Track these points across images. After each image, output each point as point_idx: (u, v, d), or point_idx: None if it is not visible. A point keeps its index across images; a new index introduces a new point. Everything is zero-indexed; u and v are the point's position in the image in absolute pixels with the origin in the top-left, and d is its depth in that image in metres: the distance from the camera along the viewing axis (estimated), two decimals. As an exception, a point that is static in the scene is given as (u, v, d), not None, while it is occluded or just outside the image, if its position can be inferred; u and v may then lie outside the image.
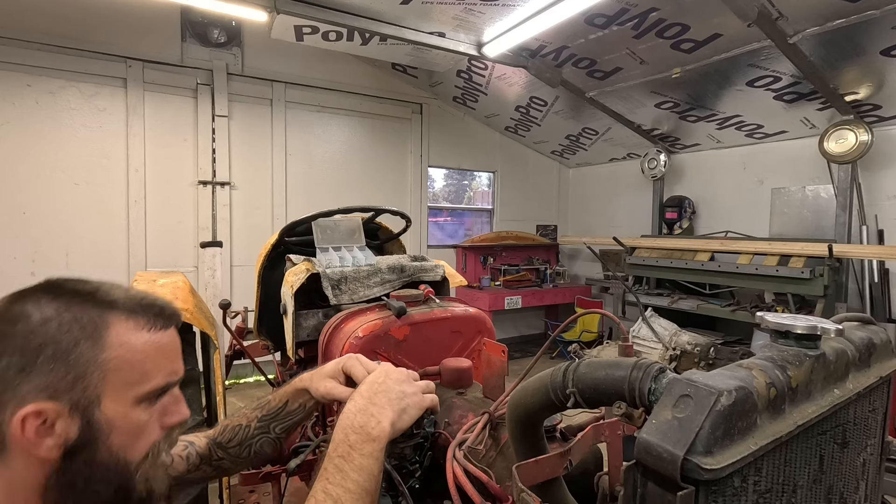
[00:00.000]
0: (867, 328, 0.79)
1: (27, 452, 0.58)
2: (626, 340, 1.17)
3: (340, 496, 0.64)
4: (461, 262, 6.08)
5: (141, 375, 0.63)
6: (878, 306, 3.77)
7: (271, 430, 0.96)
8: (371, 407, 0.74)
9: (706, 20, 3.22)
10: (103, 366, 0.60)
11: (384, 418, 0.73)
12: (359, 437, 0.70)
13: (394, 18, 3.60)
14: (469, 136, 6.15)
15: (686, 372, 0.56)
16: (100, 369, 0.60)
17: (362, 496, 0.65)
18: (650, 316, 3.77)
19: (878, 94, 3.49)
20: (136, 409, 0.63)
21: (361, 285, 1.71)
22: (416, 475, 1.06)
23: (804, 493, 0.62)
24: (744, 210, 4.76)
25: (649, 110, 4.65)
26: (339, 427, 0.72)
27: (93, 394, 0.60)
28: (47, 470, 0.60)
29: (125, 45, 4.15)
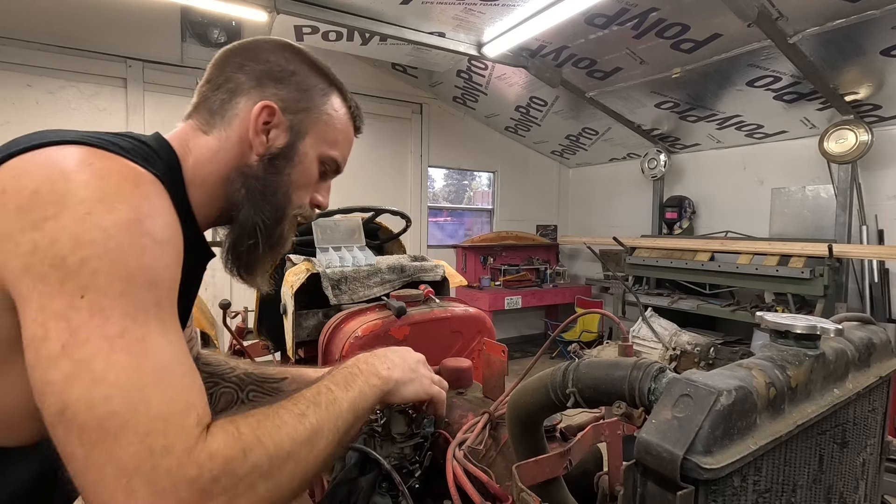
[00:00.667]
0: (867, 328, 0.79)
1: (245, 135, 0.73)
2: (626, 340, 1.17)
3: (339, 398, 0.66)
4: (461, 262, 6.08)
5: (333, 141, 0.81)
6: (878, 306, 3.77)
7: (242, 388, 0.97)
8: (385, 360, 0.79)
9: (706, 20, 3.22)
10: (319, 114, 0.78)
11: (395, 373, 0.78)
12: (368, 369, 0.75)
13: (394, 18, 3.60)
14: (469, 136, 6.15)
15: (686, 372, 0.56)
16: (316, 114, 0.78)
17: (355, 412, 0.67)
18: (650, 316, 3.77)
19: (878, 94, 3.49)
20: (315, 162, 0.80)
21: (361, 285, 1.72)
22: (416, 475, 1.06)
23: (804, 492, 0.62)
24: (744, 210, 4.76)
25: (649, 110, 4.65)
26: (350, 361, 0.76)
27: (304, 128, 0.77)
28: (246, 160, 0.75)
29: (125, 45, 4.15)
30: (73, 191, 0.52)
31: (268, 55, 0.77)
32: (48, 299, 0.48)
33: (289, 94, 0.76)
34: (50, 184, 0.52)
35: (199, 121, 0.75)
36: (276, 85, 0.75)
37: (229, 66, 0.76)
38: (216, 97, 0.75)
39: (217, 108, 0.75)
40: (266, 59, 0.76)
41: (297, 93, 0.76)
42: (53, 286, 0.49)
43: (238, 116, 0.74)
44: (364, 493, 1.01)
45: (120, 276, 0.51)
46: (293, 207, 0.80)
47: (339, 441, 0.63)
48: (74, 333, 0.48)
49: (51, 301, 0.48)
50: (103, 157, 0.57)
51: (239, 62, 0.76)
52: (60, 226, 0.50)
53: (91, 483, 0.46)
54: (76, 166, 0.54)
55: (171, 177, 0.67)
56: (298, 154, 0.77)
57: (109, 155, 0.58)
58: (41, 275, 0.49)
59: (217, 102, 0.75)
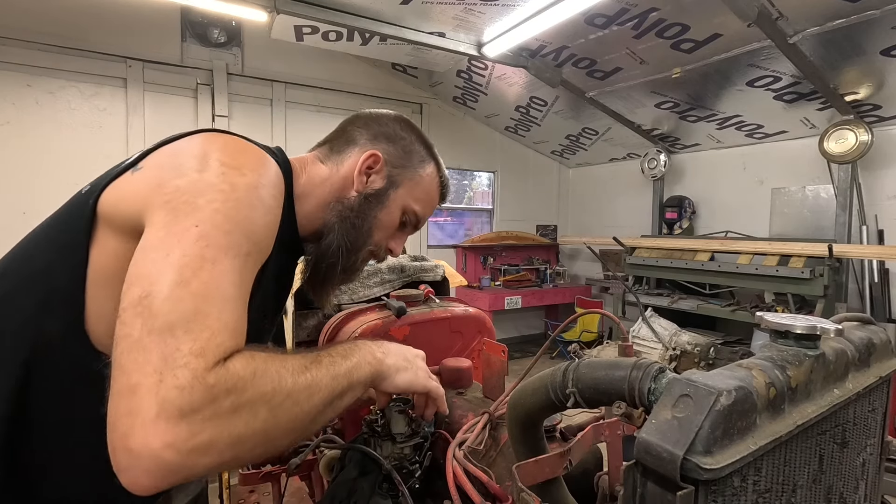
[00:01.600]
0: (867, 328, 0.79)
1: (350, 172, 0.91)
2: (626, 340, 1.17)
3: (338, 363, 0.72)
4: (461, 262, 6.08)
5: (418, 199, 0.97)
6: (878, 306, 3.77)
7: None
8: (382, 346, 0.85)
9: (706, 20, 3.22)
10: (414, 174, 0.96)
11: (389, 359, 0.84)
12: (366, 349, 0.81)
13: (394, 18, 3.60)
14: (469, 136, 6.15)
15: (686, 372, 0.56)
16: (412, 173, 0.96)
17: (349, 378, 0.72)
18: (650, 316, 3.77)
19: (878, 94, 3.49)
20: (399, 210, 0.96)
21: (361, 285, 1.72)
22: (416, 475, 1.06)
23: (804, 492, 0.62)
24: (744, 210, 4.76)
25: (649, 110, 4.65)
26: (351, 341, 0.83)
27: (399, 181, 0.94)
28: (346, 193, 0.91)
29: (125, 45, 4.15)
30: (217, 157, 0.68)
31: (387, 121, 0.97)
32: (172, 223, 0.61)
33: (394, 152, 0.94)
34: (202, 150, 0.69)
35: (320, 153, 0.95)
36: (386, 142, 0.94)
37: (356, 123, 0.96)
38: (338, 141, 0.95)
39: (336, 148, 0.94)
40: (385, 124, 0.96)
41: (401, 152, 0.95)
42: (180, 215, 0.61)
43: (350, 158, 0.92)
44: (364, 493, 1.01)
45: (230, 219, 0.63)
46: (371, 243, 0.95)
47: (332, 401, 0.69)
48: (180, 246, 0.59)
49: (173, 224, 0.61)
50: (244, 142, 0.75)
51: (364, 122, 0.96)
52: (202, 178, 0.65)
53: (133, 363, 0.53)
54: (223, 144, 0.71)
55: (285, 181, 0.81)
56: (389, 199, 0.93)
57: (247, 142, 0.76)
58: (174, 207, 0.62)
59: (337, 145, 0.94)
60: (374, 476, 1.04)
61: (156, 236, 0.60)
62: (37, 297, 0.69)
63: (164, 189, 0.63)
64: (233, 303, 0.61)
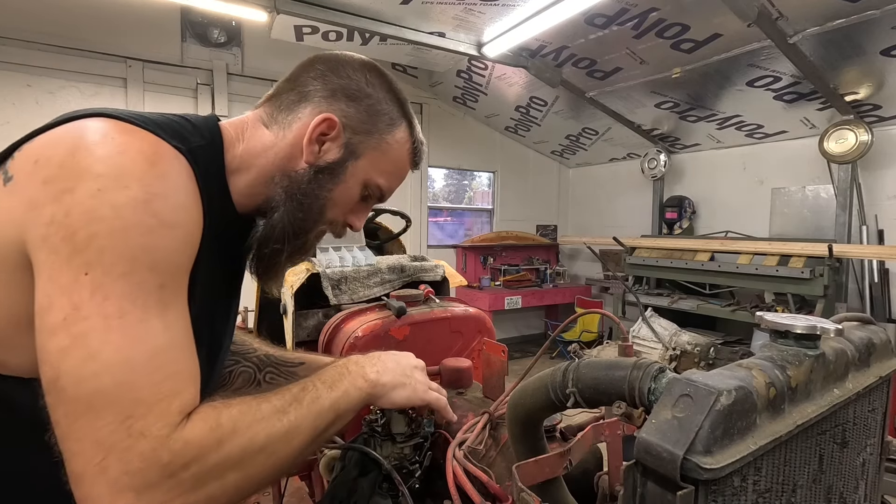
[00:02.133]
0: (867, 328, 0.79)
1: (299, 140, 0.73)
2: (626, 340, 1.17)
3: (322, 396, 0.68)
4: (461, 262, 6.08)
5: (383, 171, 0.80)
6: (878, 306, 3.77)
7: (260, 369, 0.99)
8: (377, 363, 0.80)
9: (706, 20, 3.22)
10: (380, 141, 0.78)
11: (384, 377, 0.79)
12: (357, 370, 0.76)
13: (394, 18, 3.60)
14: (469, 136, 6.14)
15: (686, 372, 0.56)
16: (377, 140, 0.78)
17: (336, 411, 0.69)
18: (650, 316, 3.77)
19: (878, 94, 3.49)
20: (360, 185, 0.79)
21: (361, 285, 1.72)
22: (416, 475, 1.06)
23: (804, 492, 0.62)
24: (744, 210, 4.76)
25: (649, 110, 4.65)
26: (343, 360, 0.80)
27: (360, 150, 0.76)
28: (294, 165, 0.74)
29: (125, 45, 4.15)
30: (90, 166, 0.53)
31: (350, 72, 0.78)
32: (57, 272, 0.51)
33: (356, 114, 0.76)
34: (71, 157, 0.54)
35: (265, 113, 0.77)
36: (346, 101, 0.76)
37: (311, 72, 0.77)
38: (287, 97, 0.76)
39: (284, 106, 0.76)
40: (347, 75, 0.77)
41: (365, 114, 0.77)
42: (62, 259, 0.51)
43: (300, 121, 0.74)
44: (364, 493, 1.01)
45: (124, 256, 0.52)
46: (324, 222, 0.80)
47: (317, 439, 0.65)
48: (75, 309, 0.50)
49: (59, 274, 0.51)
50: (125, 130, 0.58)
51: (321, 70, 0.77)
52: (75, 200, 0.51)
53: (69, 452, 0.49)
54: (98, 140, 0.56)
55: (208, 157, 0.68)
56: (346, 173, 0.77)
57: (132, 128, 0.59)
58: (54, 247, 0.51)
59: (286, 101, 0.76)
60: (374, 476, 1.04)
61: (45, 293, 0.51)
62: None
63: (38, 217, 0.52)
64: (164, 353, 0.53)
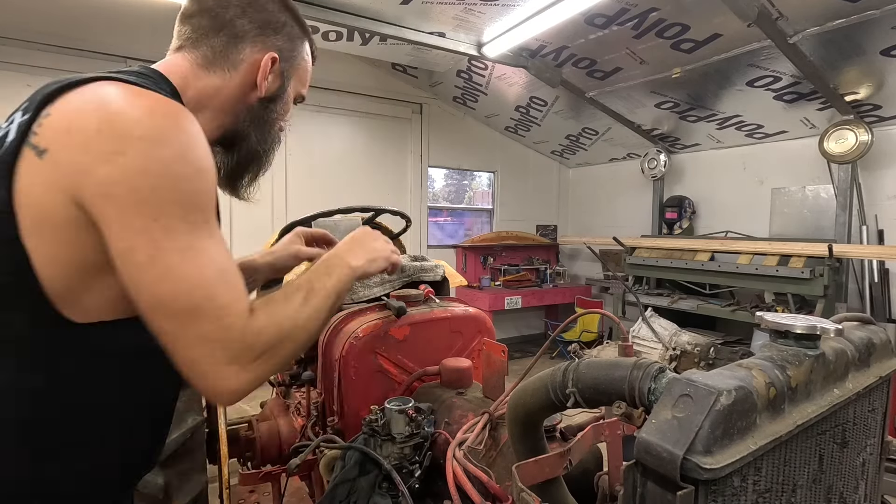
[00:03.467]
0: (867, 328, 0.79)
1: (251, 78, 0.86)
2: (626, 340, 1.17)
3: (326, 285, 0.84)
4: (461, 262, 6.08)
5: (303, 82, 0.98)
6: (878, 306, 3.77)
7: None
8: (350, 252, 0.96)
9: (706, 20, 3.22)
10: (300, 61, 0.94)
11: (360, 260, 0.95)
12: (341, 262, 0.91)
13: (394, 18, 3.60)
14: (469, 136, 6.14)
15: (686, 372, 0.56)
16: (298, 61, 0.94)
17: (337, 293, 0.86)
18: (650, 316, 3.77)
19: (878, 94, 3.49)
20: (291, 100, 0.96)
21: (361, 285, 1.72)
22: (416, 475, 1.06)
23: (804, 492, 0.62)
24: (744, 210, 4.76)
25: (649, 110, 4.65)
26: (325, 256, 0.94)
27: (290, 73, 0.93)
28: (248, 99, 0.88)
29: (125, 45, 4.15)
30: (130, 129, 0.63)
31: (265, 3, 0.88)
32: (129, 221, 0.63)
33: (284, 45, 0.90)
34: (108, 123, 0.63)
35: (199, 57, 0.84)
36: (275, 35, 0.88)
37: (230, 10, 0.84)
38: (218, 38, 0.84)
39: (220, 49, 0.84)
40: (263, 8, 0.87)
41: (288, 42, 0.91)
42: (132, 211, 0.63)
43: (245, 62, 0.86)
44: (364, 493, 1.01)
45: (179, 202, 0.65)
46: (278, 133, 0.98)
47: (329, 314, 0.84)
48: (156, 249, 0.64)
49: (132, 222, 0.63)
50: (140, 93, 0.68)
51: (239, 6, 0.85)
52: (129, 162, 0.62)
53: (184, 354, 0.66)
54: (124, 105, 0.65)
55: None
56: (286, 94, 0.94)
57: (144, 91, 0.69)
58: (120, 201, 0.62)
59: (220, 44, 0.84)
60: (374, 476, 1.04)
61: (121, 239, 0.63)
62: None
63: (91, 178, 0.62)
64: (226, 269, 0.69)
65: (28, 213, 0.63)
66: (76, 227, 0.64)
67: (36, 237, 0.64)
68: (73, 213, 0.64)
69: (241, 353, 0.68)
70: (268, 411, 2.01)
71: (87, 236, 0.64)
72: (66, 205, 0.63)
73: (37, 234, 0.64)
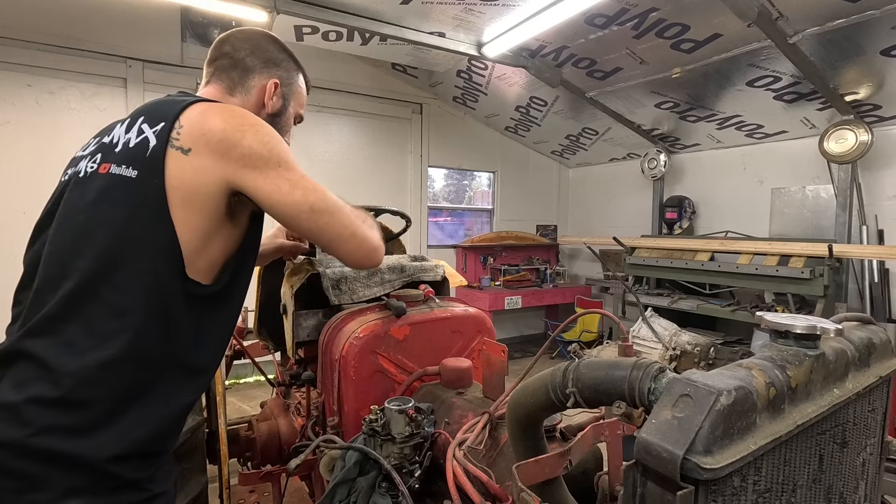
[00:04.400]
0: (867, 328, 0.79)
1: (261, 99, 1.15)
2: (626, 340, 1.17)
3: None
4: (461, 262, 6.08)
5: (302, 105, 1.26)
6: (878, 306, 3.77)
7: None
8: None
9: (706, 20, 3.22)
10: (296, 87, 1.23)
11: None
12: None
13: (394, 18, 3.60)
14: (469, 136, 6.14)
15: (686, 372, 0.56)
16: (295, 87, 1.22)
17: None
18: (650, 316, 3.77)
19: (878, 94, 3.49)
20: (292, 119, 1.24)
21: (361, 285, 1.72)
22: (416, 475, 1.06)
23: (804, 492, 0.62)
24: (744, 210, 4.76)
25: (649, 110, 4.65)
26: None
27: (289, 97, 1.21)
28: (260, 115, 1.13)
29: (125, 45, 4.15)
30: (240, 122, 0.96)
31: (266, 46, 1.17)
32: (267, 171, 0.95)
33: (282, 75, 1.18)
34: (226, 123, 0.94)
35: (222, 87, 1.13)
36: (276, 68, 1.17)
37: (241, 51, 1.14)
38: (234, 72, 1.13)
39: (237, 79, 1.13)
40: (266, 49, 1.17)
41: (286, 73, 1.19)
42: (264, 165, 0.95)
43: (255, 87, 1.14)
44: (364, 493, 1.01)
45: (285, 152, 0.99)
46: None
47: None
48: (289, 178, 0.98)
49: (268, 172, 0.96)
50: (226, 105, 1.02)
51: (248, 49, 1.14)
52: (249, 140, 0.94)
53: (333, 236, 1.04)
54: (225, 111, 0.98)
55: None
56: (287, 113, 1.21)
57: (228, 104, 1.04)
58: (256, 163, 0.95)
59: (236, 76, 1.13)
60: (373, 476, 1.04)
61: (267, 183, 0.95)
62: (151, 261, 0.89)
63: (230, 157, 0.92)
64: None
65: (176, 194, 0.89)
66: (213, 199, 0.92)
67: (182, 210, 0.89)
68: (214, 190, 0.92)
69: (370, 231, 1.11)
70: (268, 411, 2.01)
71: (222, 203, 0.93)
72: (213, 183, 0.91)
73: (183, 208, 0.89)
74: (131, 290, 0.87)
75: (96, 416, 0.82)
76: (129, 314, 0.86)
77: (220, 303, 1.00)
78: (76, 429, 0.81)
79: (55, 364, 0.82)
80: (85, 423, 0.82)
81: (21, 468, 0.79)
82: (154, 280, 0.88)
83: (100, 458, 0.81)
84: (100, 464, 0.81)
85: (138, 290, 0.87)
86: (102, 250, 0.87)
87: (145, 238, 0.88)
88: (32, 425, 0.79)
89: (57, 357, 0.82)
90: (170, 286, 0.89)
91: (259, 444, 1.83)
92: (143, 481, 0.87)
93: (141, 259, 0.88)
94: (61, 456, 0.79)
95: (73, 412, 0.81)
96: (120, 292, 0.86)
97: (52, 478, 0.79)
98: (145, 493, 0.87)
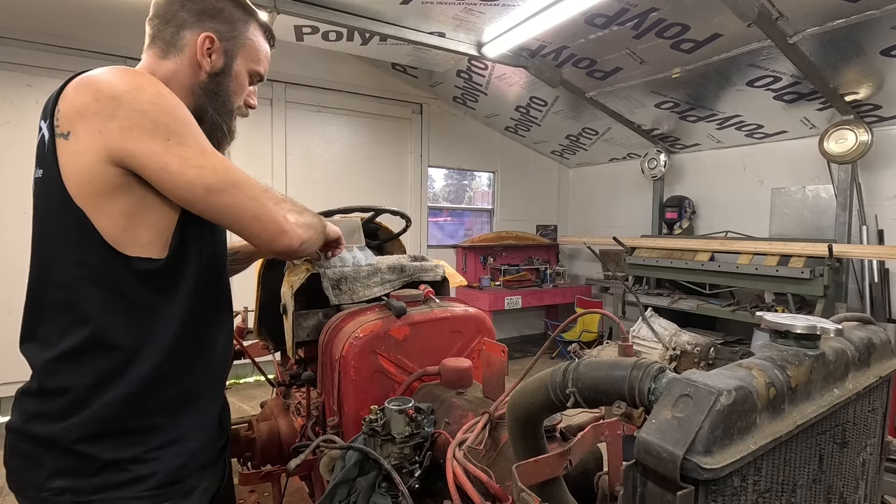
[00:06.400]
0: (867, 328, 0.79)
1: (194, 58, 1.01)
2: (626, 340, 1.17)
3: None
4: (461, 262, 6.08)
5: (256, 60, 1.10)
6: (878, 306, 3.76)
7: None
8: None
9: (706, 20, 3.22)
10: (244, 40, 1.07)
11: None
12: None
13: (394, 18, 3.60)
14: (469, 136, 6.14)
15: (686, 372, 0.56)
16: (242, 40, 1.07)
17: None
18: (650, 316, 3.77)
19: (878, 94, 3.49)
20: (245, 75, 1.09)
21: (361, 285, 1.71)
22: (416, 475, 1.06)
23: (804, 492, 0.62)
24: (744, 210, 4.76)
25: (649, 110, 4.65)
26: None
27: (234, 50, 1.06)
28: (199, 77, 1.03)
29: (125, 46, 4.15)
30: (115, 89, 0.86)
31: None
32: (151, 147, 0.85)
33: (221, 27, 1.03)
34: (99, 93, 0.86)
35: (157, 50, 1.03)
36: (211, 20, 1.02)
37: (174, 5, 1.01)
38: (167, 30, 1.01)
39: (169, 38, 1.01)
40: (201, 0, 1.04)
41: (226, 25, 1.04)
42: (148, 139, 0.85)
43: (188, 45, 1.01)
44: (364, 493, 1.01)
45: (176, 121, 0.88)
46: (234, 107, 1.11)
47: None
48: (180, 155, 0.86)
49: (153, 147, 0.85)
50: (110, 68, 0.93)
51: (181, 3, 1.01)
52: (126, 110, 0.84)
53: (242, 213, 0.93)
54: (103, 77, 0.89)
55: None
56: (233, 71, 1.06)
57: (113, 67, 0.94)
58: (138, 138, 0.84)
59: (168, 34, 1.01)
60: (373, 476, 1.04)
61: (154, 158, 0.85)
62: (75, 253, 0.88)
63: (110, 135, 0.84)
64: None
65: (74, 182, 0.85)
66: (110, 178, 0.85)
67: (88, 198, 0.85)
68: (107, 170, 0.84)
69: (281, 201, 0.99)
70: (268, 411, 2.01)
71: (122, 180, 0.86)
72: (100, 164, 0.84)
73: (88, 196, 0.85)
74: (71, 285, 0.89)
75: (69, 403, 0.89)
76: (78, 307, 0.89)
77: (177, 272, 0.96)
78: (52, 415, 0.89)
79: (34, 361, 0.93)
80: (57, 410, 0.89)
81: (24, 450, 0.91)
82: (88, 272, 0.88)
83: (68, 439, 0.88)
84: (71, 445, 0.88)
85: (78, 284, 0.88)
86: (36, 255, 0.93)
87: (62, 234, 0.88)
88: (25, 413, 0.92)
89: (35, 356, 0.93)
90: (109, 272, 0.88)
91: (259, 444, 1.83)
92: (125, 461, 0.90)
93: (66, 254, 0.89)
94: (43, 440, 0.89)
95: (48, 401, 0.90)
96: (62, 289, 0.90)
97: (44, 459, 0.89)
98: (126, 475, 0.90)
